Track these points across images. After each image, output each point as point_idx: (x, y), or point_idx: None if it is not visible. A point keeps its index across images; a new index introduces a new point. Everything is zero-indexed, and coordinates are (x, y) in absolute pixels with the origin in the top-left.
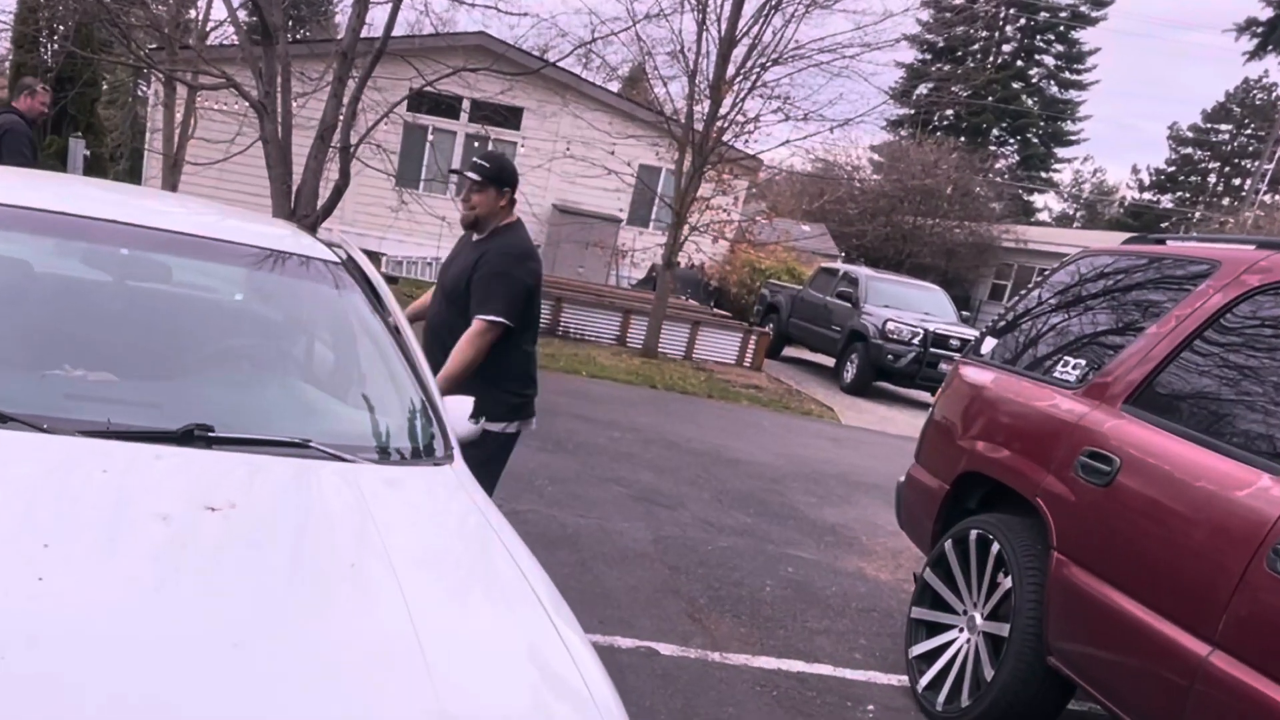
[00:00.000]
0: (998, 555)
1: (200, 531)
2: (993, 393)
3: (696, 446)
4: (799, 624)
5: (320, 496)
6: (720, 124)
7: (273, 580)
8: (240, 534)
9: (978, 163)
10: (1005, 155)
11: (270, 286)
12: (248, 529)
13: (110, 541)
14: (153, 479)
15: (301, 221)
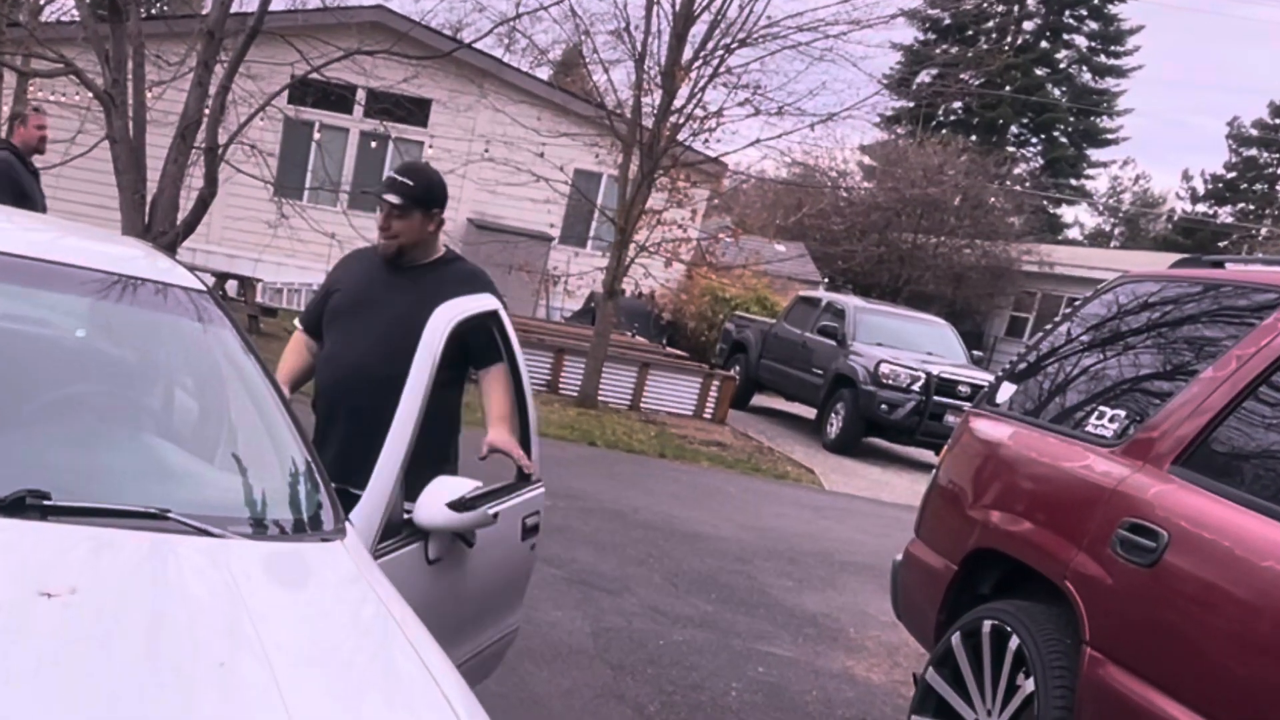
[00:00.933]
0: (1017, 652)
1: (33, 624)
2: (1011, 451)
3: (646, 517)
4: None
5: (182, 579)
6: (675, 119)
7: (123, 684)
8: (83, 626)
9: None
10: (1026, 158)
11: (120, 320)
12: (92, 620)
13: None
14: None
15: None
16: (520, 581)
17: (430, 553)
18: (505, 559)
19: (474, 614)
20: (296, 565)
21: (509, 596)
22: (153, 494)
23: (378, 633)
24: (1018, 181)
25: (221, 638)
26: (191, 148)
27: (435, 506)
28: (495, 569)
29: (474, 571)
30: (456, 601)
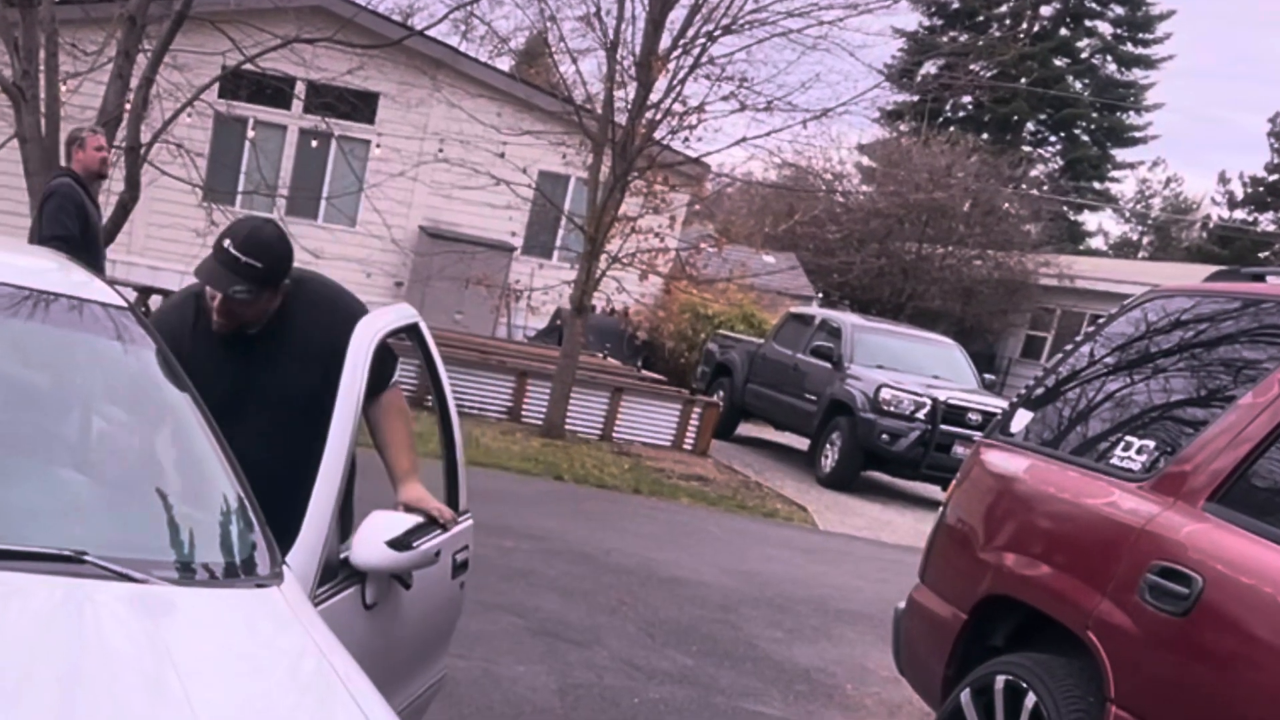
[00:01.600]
0: (1034, 711)
1: None
2: (1027, 487)
3: (618, 560)
4: None
5: (100, 631)
6: (651, 115)
7: None
8: None
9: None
10: (1044, 159)
11: (30, 340)
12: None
13: None
14: None
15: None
16: (451, 623)
17: (367, 596)
18: (437, 600)
19: (407, 661)
20: (228, 613)
21: (440, 640)
22: (67, 534)
23: (318, 688)
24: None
25: (144, 694)
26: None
27: (374, 545)
28: (428, 611)
29: (408, 615)
30: (392, 648)
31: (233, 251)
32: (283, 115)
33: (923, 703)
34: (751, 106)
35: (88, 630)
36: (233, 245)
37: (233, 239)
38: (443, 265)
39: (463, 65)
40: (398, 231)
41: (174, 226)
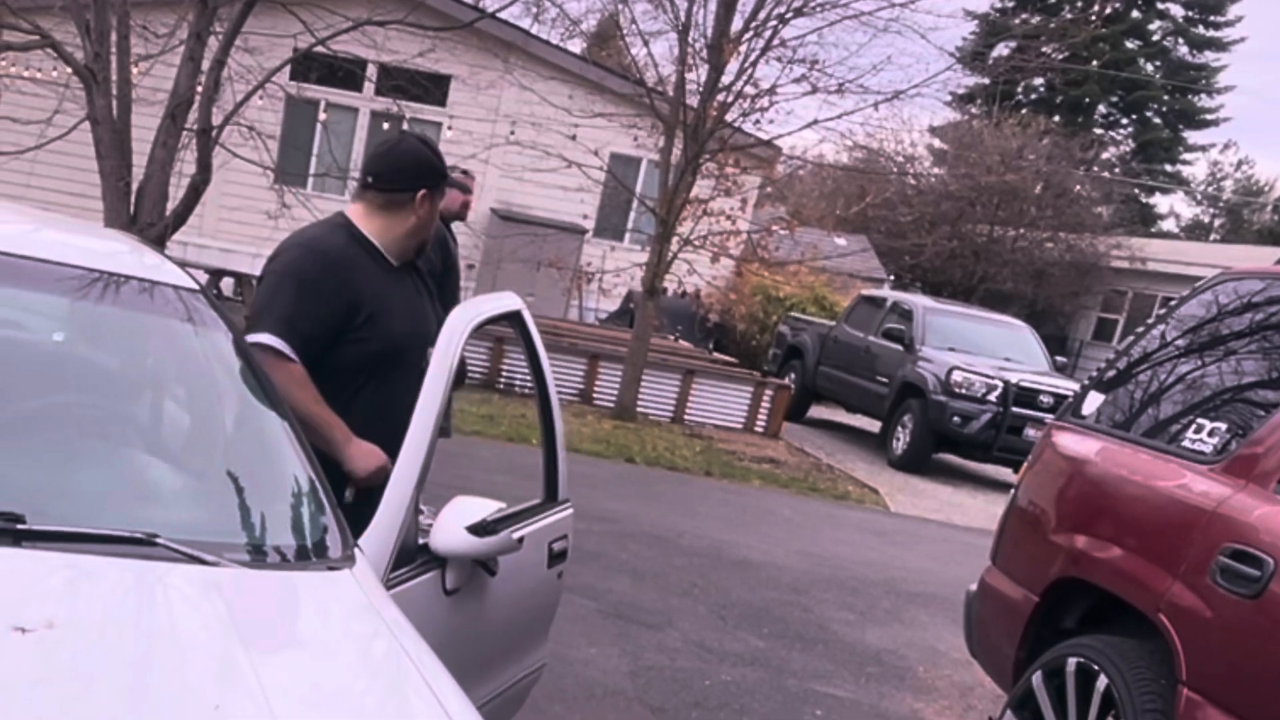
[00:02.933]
0: (1105, 693)
1: (5, 661)
2: (1099, 469)
3: (690, 543)
4: None
5: (171, 614)
6: (722, 98)
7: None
8: (61, 664)
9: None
10: (1116, 141)
11: (103, 323)
12: (71, 658)
13: None
14: None
15: (146, 231)
16: (546, 613)
17: (448, 582)
18: (530, 588)
19: (496, 649)
20: (299, 597)
21: (534, 630)
22: (139, 517)
23: (390, 672)
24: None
25: (215, 678)
26: (182, 129)
27: (453, 531)
28: (519, 599)
29: (496, 602)
30: (477, 636)
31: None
32: (354, 98)
33: (994, 685)
34: (823, 89)
35: (159, 613)
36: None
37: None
38: (514, 247)
39: (534, 48)
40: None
41: (245, 209)
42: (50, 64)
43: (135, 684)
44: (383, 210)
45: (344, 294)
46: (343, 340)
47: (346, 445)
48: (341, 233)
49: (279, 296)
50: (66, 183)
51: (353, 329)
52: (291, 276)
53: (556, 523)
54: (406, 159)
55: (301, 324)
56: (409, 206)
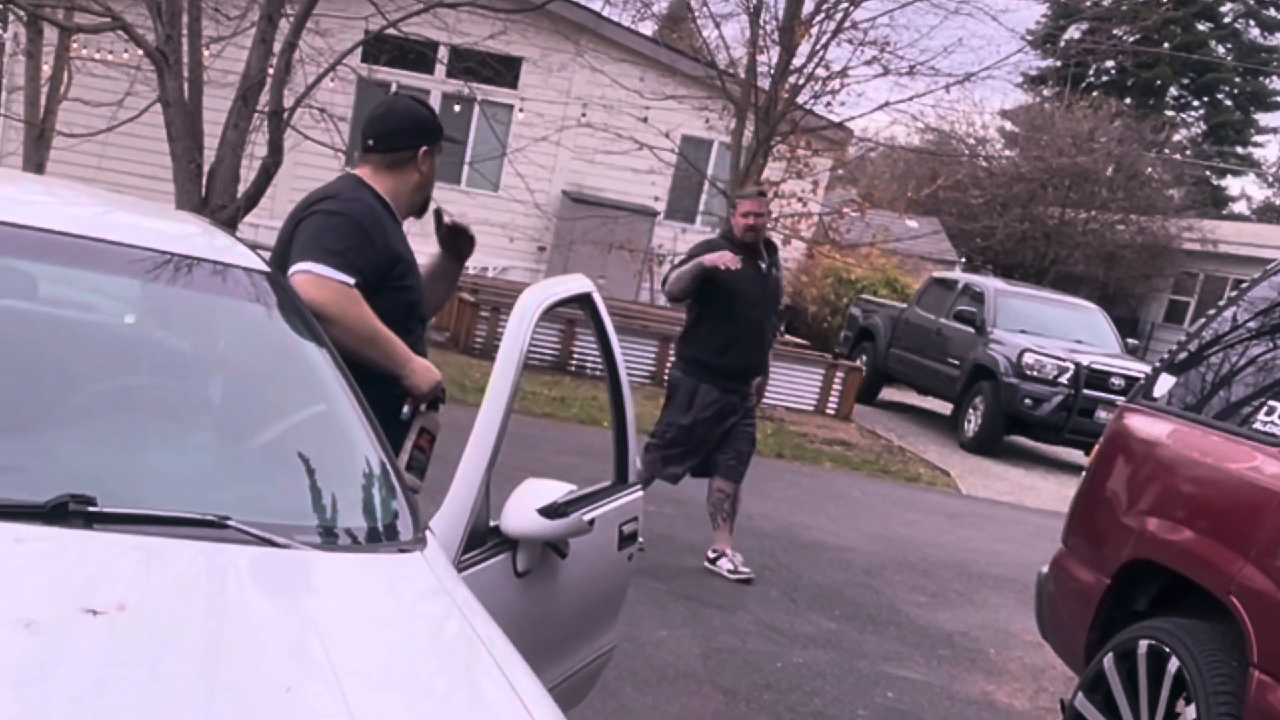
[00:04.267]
0: (1177, 675)
1: (77, 643)
2: (1170, 451)
3: (761, 525)
4: None
5: (243, 594)
6: (794, 80)
7: (181, 711)
8: (133, 647)
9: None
10: (1187, 123)
11: (174, 305)
12: (143, 640)
13: None
14: (10, 570)
15: (217, 213)
16: (617, 595)
17: (519, 564)
18: (600, 571)
19: (567, 632)
20: (371, 579)
21: (605, 612)
22: (210, 499)
23: (461, 654)
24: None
25: (287, 660)
26: (254, 111)
27: (524, 513)
28: (589, 582)
29: (566, 585)
30: (548, 618)
31: None
32: (425, 80)
33: (1066, 667)
34: (894, 71)
35: (230, 595)
36: None
37: None
38: (586, 230)
39: (605, 30)
40: (540, 196)
41: None
42: (122, 46)
43: (206, 666)
44: (389, 170)
45: (389, 242)
46: (384, 287)
47: (408, 362)
48: (367, 191)
49: (332, 234)
50: (138, 165)
51: (393, 277)
52: (346, 217)
53: (626, 505)
54: (405, 119)
55: (356, 260)
56: (412, 164)
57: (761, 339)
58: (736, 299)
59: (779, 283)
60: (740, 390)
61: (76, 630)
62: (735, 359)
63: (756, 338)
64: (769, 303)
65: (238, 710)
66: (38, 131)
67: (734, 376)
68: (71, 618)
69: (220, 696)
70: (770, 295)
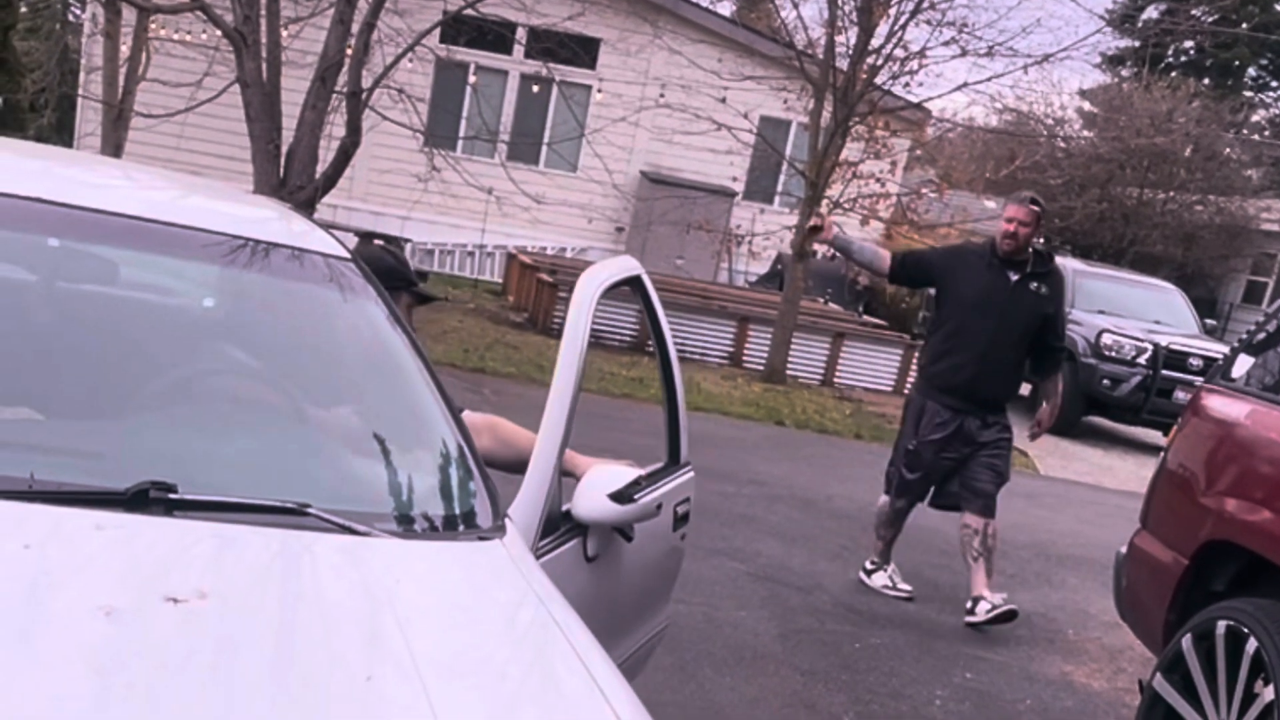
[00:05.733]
0: (1255, 656)
1: (157, 631)
2: (1248, 432)
3: (840, 506)
4: None
5: (321, 583)
6: (872, 61)
7: (258, 699)
8: (212, 634)
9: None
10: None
11: (253, 291)
12: (223, 628)
13: (28, 644)
14: (91, 557)
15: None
16: (672, 575)
17: (589, 549)
18: (658, 552)
19: (629, 613)
20: (449, 566)
21: (661, 592)
22: (290, 487)
23: (539, 641)
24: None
25: (366, 648)
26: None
27: (596, 499)
28: (649, 563)
29: (629, 567)
30: (613, 600)
31: None
32: (504, 60)
33: (1144, 648)
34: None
35: (308, 583)
36: None
37: None
38: (664, 210)
39: (683, 10)
40: (618, 177)
41: (395, 172)
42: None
43: (288, 652)
44: None
45: None
46: None
47: None
48: None
49: None
50: (216, 145)
51: None
52: None
53: (680, 485)
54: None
55: None
56: None
57: (1002, 360)
58: (971, 310)
59: (1042, 303)
60: (983, 416)
61: (156, 618)
62: (963, 377)
63: (994, 357)
64: (1018, 321)
65: (317, 698)
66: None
67: (965, 396)
68: (151, 605)
69: (301, 683)
70: (1022, 313)
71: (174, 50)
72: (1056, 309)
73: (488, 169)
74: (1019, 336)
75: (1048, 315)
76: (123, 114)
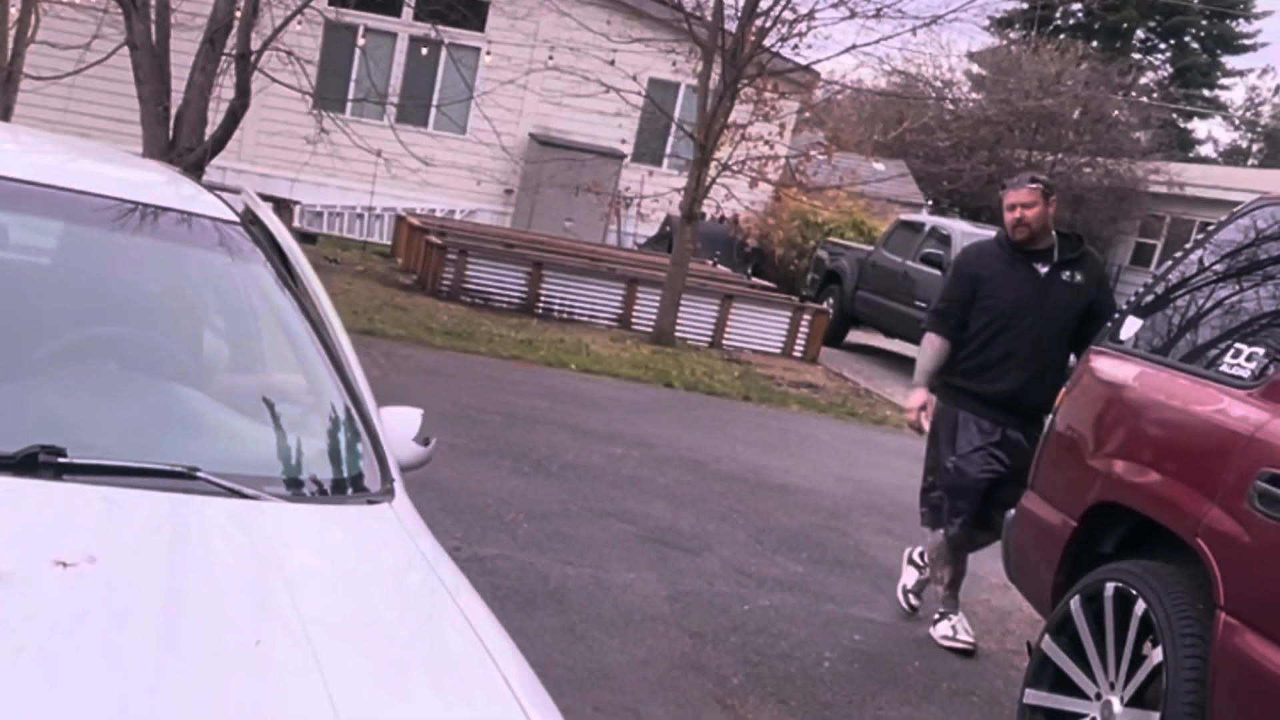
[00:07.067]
0: (1143, 617)
1: (47, 594)
2: (1136, 394)
3: (728, 468)
4: (869, 712)
5: (210, 546)
6: (761, 23)
7: (147, 664)
8: (102, 598)
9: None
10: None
11: (141, 255)
12: (113, 591)
13: None
14: None
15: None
16: None
17: None
18: None
19: None
20: (337, 529)
21: None
22: (180, 450)
23: (427, 603)
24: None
25: (255, 612)
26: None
27: (404, 442)
28: None
29: None
30: None
31: None
32: (393, 23)
33: (1032, 610)
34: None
35: (199, 547)
36: None
37: None
38: (553, 172)
39: None
40: (507, 139)
41: (283, 134)
42: None
43: (177, 616)
44: None
45: None
46: None
47: None
48: None
49: None
50: (105, 108)
51: None
52: None
53: None
54: None
55: None
56: None
57: (1043, 362)
58: (1003, 314)
59: (1079, 292)
60: (1024, 428)
61: (45, 581)
62: (1002, 387)
63: (1033, 359)
64: (1057, 318)
65: (207, 661)
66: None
67: (1006, 409)
68: (41, 569)
69: (188, 648)
70: (1059, 308)
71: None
72: (1100, 295)
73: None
74: (1059, 333)
75: (1090, 303)
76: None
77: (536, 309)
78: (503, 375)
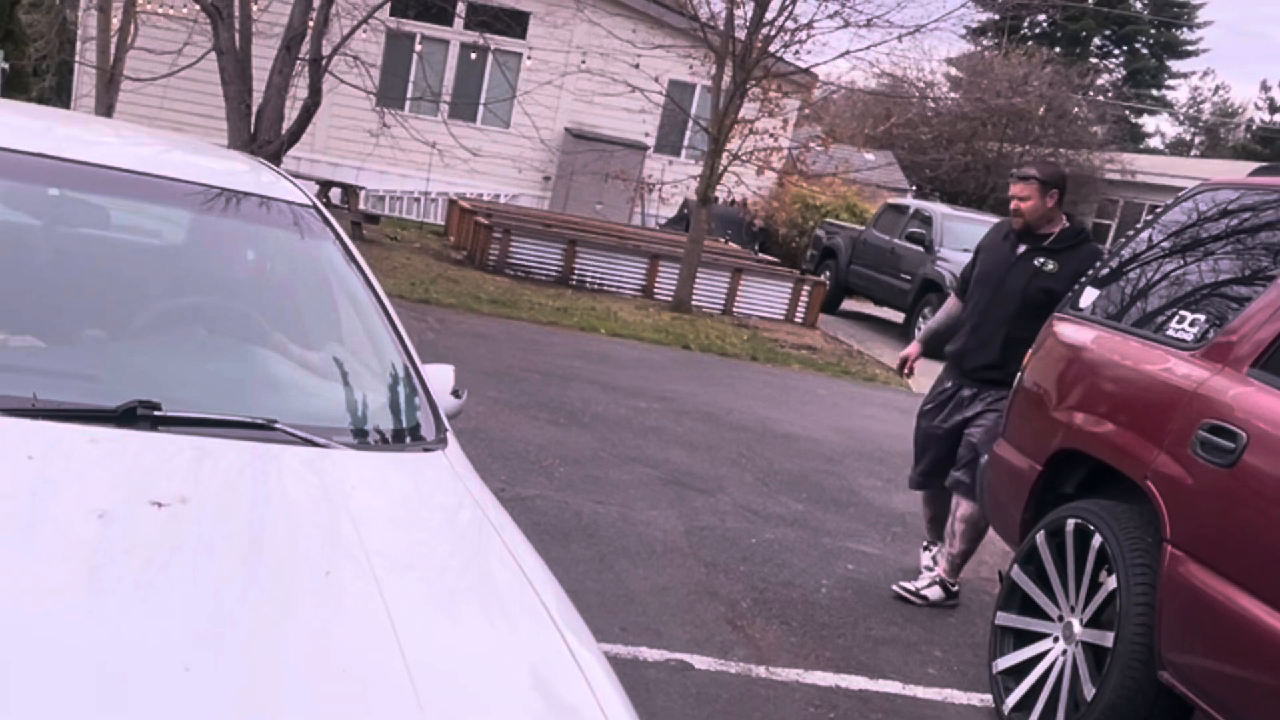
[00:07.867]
0: (1100, 549)
1: (144, 531)
2: (1093, 354)
3: (738, 419)
4: (861, 632)
5: (286, 488)
6: (766, 32)
7: (231, 591)
8: (192, 534)
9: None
10: (1109, 69)
11: (227, 233)
12: (201, 528)
13: (32, 543)
14: (86, 467)
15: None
16: None
17: None
18: None
19: None
20: (398, 474)
21: None
22: (260, 405)
23: (474, 538)
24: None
25: (325, 545)
26: (296, 59)
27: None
28: None
29: None
30: None
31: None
32: (445, 31)
33: (1003, 543)
34: (854, 24)
35: (274, 489)
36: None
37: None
38: (585, 162)
39: None
40: (545, 133)
41: (351, 128)
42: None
43: (258, 549)
44: None
45: None
46: None
47: None
48: None
49: None
50: (195, 105)
51: None
52: None
53: None
54: None
55: None
56: None
57: (992, 333)
58: (975, 283)
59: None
60: (974, 388)
61: (143, 520)
62: (955, 346)
63: (984, 329)
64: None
65: (283, 589)
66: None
67: (954, 365)
68: (139, 509)
69: (267, 578)
70: (1017, 286)
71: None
72: (1064, 287)
73: (432, 126)
74: (1015, 310)
75: (1049, 290)
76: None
77: (571, 281)
78: (541, 339)
